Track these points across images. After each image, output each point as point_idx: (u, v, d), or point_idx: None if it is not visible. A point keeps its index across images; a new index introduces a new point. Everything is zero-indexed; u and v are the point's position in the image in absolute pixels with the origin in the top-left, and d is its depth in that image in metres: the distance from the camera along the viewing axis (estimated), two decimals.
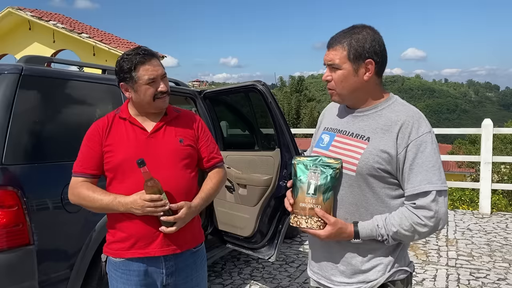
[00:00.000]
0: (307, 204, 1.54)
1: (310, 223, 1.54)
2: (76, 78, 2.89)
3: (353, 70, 1.54)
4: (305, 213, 1.55)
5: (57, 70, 2.88)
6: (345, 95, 1.59)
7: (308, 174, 1.55)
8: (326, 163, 1.54)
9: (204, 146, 2.10)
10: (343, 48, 1.53)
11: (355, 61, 1.53)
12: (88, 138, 1.98)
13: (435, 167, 1.47)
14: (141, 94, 1.92)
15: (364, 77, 1.54)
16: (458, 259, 4.77)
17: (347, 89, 1.57)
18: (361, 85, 1.56)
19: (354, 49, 1.52)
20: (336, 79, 1.57)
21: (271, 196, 3.59)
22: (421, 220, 1.47)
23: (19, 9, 13.85)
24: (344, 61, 1.53)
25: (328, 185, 1.52)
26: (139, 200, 1.82)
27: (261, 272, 4.46)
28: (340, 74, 1.55)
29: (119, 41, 14.36)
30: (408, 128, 1.49)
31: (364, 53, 1.52)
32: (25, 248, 2.32)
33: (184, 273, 2.03)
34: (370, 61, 1.53)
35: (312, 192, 1.53)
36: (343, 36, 1.55)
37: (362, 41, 1.52)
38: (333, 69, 1.57)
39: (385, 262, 1.56)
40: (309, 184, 1.54)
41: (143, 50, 1.92)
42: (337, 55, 1.54)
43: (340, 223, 1.52)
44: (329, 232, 1.52)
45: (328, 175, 1.52)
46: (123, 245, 1.93)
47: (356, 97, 1.59)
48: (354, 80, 1.55)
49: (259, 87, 3.43)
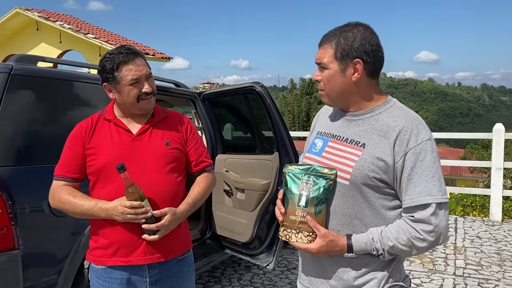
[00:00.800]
0: (298, 217, 1.44)
1: (300, 237, 1.44)
2: (67, 78, 2.81)
3: (340, 70, 1.43)
4: (295, 226, 1.45)
5: (47, 70, 2.81)
6: (334, 97, 1.49)
7: (299, 185, 1.45)
8: (319, 173, 1.44)
9: (193, 149, 2.01)
10: (331, 47, 1.44)
11: (342, 60, 1.42)
12: (70, 140, 1.91)
13: (435, 178, 1.36)
14: (124, 95, 1.84)
15: (352, 78, 1.43)
16: (466, 268, 4.61)
17: (334, 90, 1.47)
18: (349, 86, 1.45)
19: (341, 48, 1.42)
20: (324, 79, 1.47)
21: (269, 202, 3.49)
22: (420, 235, 1.36)
23: (26, 10, 13.96)
24: (331, 60, 1.44)
25: (320, 197, 1.42)
26: (119, 207, 1.74)
27: (261, 278, 4.35)
28: (327, 73, 1.46)
29: (125, 42, 14.38)
30: (407, 135, 1.37)
31: (351, 52, 1.41)
32: (10, 253, 2.25)
33: (169, 282, 1.94)
34: (358, 61, 1.42)
35: (304, 204, 1.43)
36: (333, 34, 1.46)
37: (351, 39, 1.41)
38: (322, 68, 1.47)
39: (378, 277, 1.45)
40: (300, 195, 1.44)
41: (126, 49, 1.84)
42: (324, 53, 1.45)
43: (331, 235, 1.42)
44: (319, 245, 1.41)
45: (321, 187, 1.42)
46: (105, 252, 1.86)
47: (346, 98, 1.49)
48: (341, 80, 1.44)
49: (258, 88, 3.34)
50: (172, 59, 14.94)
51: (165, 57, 14.46)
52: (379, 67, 1.47)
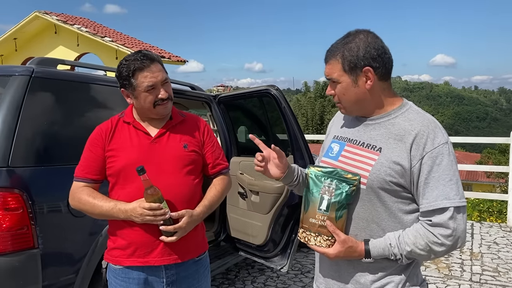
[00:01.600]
0: (318, 221, 1.44)
1: (319, 241, 1.45)
2: (86, 81, 2.87)
3: (351, 81, 1.45)
4: (314, 229, 1.45)
5: (67, 72, 2.87)
6: (351, 107, 1.51)
7: (321, 188, 1.45)
8: (342, 177, 1.43)
9: (210, 152, 2.04)
10: (337, 61, 1.45)
11: (352, 72, 1.44)
12: (90, 142, 1.94)
13: (452, 181, 1.35)
14: (141, 101, 1.87)
15: (366, 86, 1.44)
16: (483, 274, 4.54)
17: (350, 101, 1.49)
18: (364, 95, 1.46)
19: (347, 61, 1.43)
20: (338, 93, 1.49)
21: (284, 204, 3.49)
22: (438, 239, 1.35)
23: (45, 13, 14.23)
24: (341, 74, 1.45)
25: (342, 202, 1.42)
26: (138, 208, 1.77)
27: (275, 281, 4.35)
28: (340, 87, 1.48)
29: (141, 45, 14.56)
30: (423, 138, 1.37)
31: (359, 62, 1.42)
32: (29, 252, 2.29)
33: (185, 282, 1.96)
34: (368, 69, 1.42)
35: (324, 208, 1.43)
36: (336, 47, 1.47)
37: (355, 49, 1.42)
38: (333, 83, 1.49)
39: (396, 281, 1.44)
40: (321, 199, 1.44)
41: (142, 56, 1.85)
42: (332, 69, 1.47)
43: (350, 242, 1.42)
44: (338, 251, 1.42)
45: (343, 192, 1.42)
46: (123, 252, 1.89)
47: (364, 107, 1.50)
48: (355, 91, 1.46)
49: (273, 91, 3.35)
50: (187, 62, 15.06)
51: (181, 60, 14.58)
52: (389, 68, 1.47)
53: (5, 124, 2.32)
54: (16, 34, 14.87)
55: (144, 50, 1.95)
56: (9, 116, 2.35)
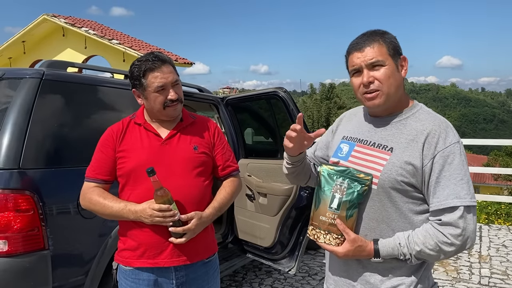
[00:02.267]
0: (328, 219, 1.44)
1: (329, 239, 1.45)
2: (96, 83, 2.89)
3: (395, 65, 1.46)
4: (324, 227, 1.46)
5: (77, 75, 2.89)
6: (392, 94, 1.45)
7: (333, 186, 1.45)
8: (354, 177, 1.43)
9: (220, 154, 2.04)
10: (380, 45, 1.45)
11: (395, 57, 1.46)
12: (101, 143, 1.96)
13: (463, 180, 1.36)
14: (151, 101, 1.89)
15: (403, 73, 1.48)
16: (492, 277, 4.51)
17: (394, 86, 1.45)
18: (402, 83, 1.49)
19: (391, 45, 1.46)
20: (383, 77, 1.43)
21: (292, 206, 3.49)
22: (447, 239, 1.35)
23: (53, 16, 14.35)
24: (387, 57, 1.45)
25: (353, 201, 1.42)
26: (148, 209, 1.78)
27: (282, 283, 4.35)
28: (386, 70, 1.44)
29: (148, 47, 14.62)
30: (435, 138, 1.38)
31: (398, 49, 1.47)
32: (40, 253, 2.31)
33: (195, 284, 1.97)
34: (404, 57, 1.48)
35: (335, 207, 1.43)
36: (372, 36, 1.47)
37: (393, 38, 1.47)
38: (376, 67, 1.44)
39: (407, 283, 1.44)
40: (333, 197, 1.44)
41: (153, 57, 1.87)
42: (376, 52, 1.44)
43: (360, 241, 1.42)
44: (347, 250, 1.42)
45: (355, 191, 1.42)
46: (133, 253, 1.90)
47: (399, 96, 1.49)
48: (399, 76, 1.47)
49: (281, 94, 3.35)
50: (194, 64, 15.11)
51: (187, 62, 14.64)
52: None
53: (16, 126, 2.34)
54: (24, 37, 14.98)
55: (156, 51, 1.97)
56: (20, 119, 2.37)
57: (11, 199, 2.24)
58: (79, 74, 3.10)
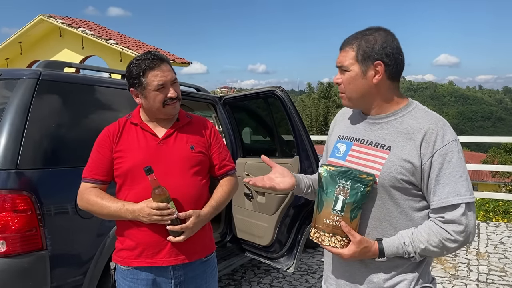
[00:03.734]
0: (332, 221, 1.43)
1: (334, 241, 1.43)
2: (93, 83, 2.88)
3: (361, 72, 1.45)
4: (328, 230, 1.44)
5: (74, 75, 2.89)
6: (355, 99, 1.50)
7: (336, 188, 1.42)
8: (357, 177, 1.42)
9: (216, 153, 2.05)
10: (352, 49, 1.46)
11: (363, 63, 1.44)
12: (98, 144, 1.96)
13: (462, 178, 1.37)
14: (150, 100, 1.89)
15: (373, 80, 1.45)
16: (490, 274, 4.53)
17: (356, 92, 1.48)
18: (370, 88, 1.46)
19: (362, 50, 1.44)
20: (345, 82, 1.49)
21: (290, 205, 3.50)
22: (451, 236, 1.37)
23: (50, 17, 14.32)
24: (353, 62, 1.45)
25: (357, 202, 1.41)
26: (146, 208, 1.78)
27: (281, 282, 4.35)
28: (348, 76, 1.47)
29: (146, 47, 14.60)
30: (433, 136, 1.38)
31: (372, 55, 1.43)
32: (38, 253, 2.31)
33: (193, 283, 1.97)
34: (379, 63, 1.43)
35: (339, 209, 1.41)
36: (354, 37, 1.48)
37: (372, 42, 1.44)
38: (343, 71, 1.49)
39: (409, 279, 1.45)
40: (336, 199, 1.42)
41: (152, 55, 1.88)
42: (346, 56, 1.47)
43: (365, 242, 1.42)
44: (353, 251, 1.41)
45: (358, 192, 1.40)
46: (131, 253, 1.90)
47: (367, 101, 1.50)
48: (362, 82, 1.46)
49: (278, 92, 3.36)
50: (191, 63, 15.10)
51: (185, 62, 14.63)
52: (400, 70, 1.48)
53: (13, 127, 2.34)
54: (21, 37, 14.95)
55: (153, 50, 1.97)
56: (17, 119, 2.37)
57: (8, 199, 2.24)
58: (76, 74, 3.09)
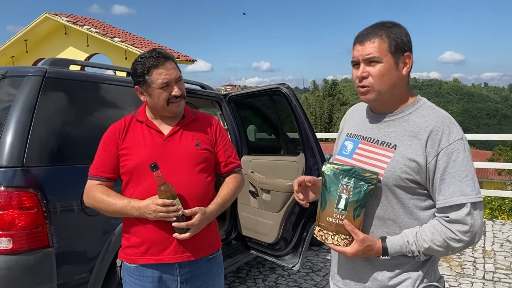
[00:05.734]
0: (335, 220, 1.43)
1: (337, 240, 1.44)
2: (99, 81, 2.89)
3: (394, 63, 1.42)
4: (332, 228, 1.44)
5: (80, 73, 2.89)
6: (384, 92, 1.44)
7: (339, 186, 1.42)
8: (360, 176, 1.41)
9: (222, 150, 2.04)
10: (382, 40, 1.42)
11: (396, 54, 1.42)
12: (104, 141, 1.96)
13: (468, 177, 1.35)
14: (155, 98, 1.89)
15: (403, 72, 1.44)
16: (496, 272, 4.50)
17: (387, 85, 1.43)
18: (399, 81, 1.45)
19: (394, 41, 1.42)
20: (376, 74, 1.42)
21: (295, 203, 3.48)
22: (456, 235, 1.35)
23: (55, 15, 14.35)
24: (385, 53, 1.41)
25: (361, 201, 1.41)
26: (151, 205, 1.78)
27: (286, 279, 4.35)
28: (381, 68, 1.42)
29: (150, 45, 14.62)
30: (438, 135, 1.37)
31: (403, 46, 1.42)
32: (45, 250, 2.31)
33: (199, 280, 1.97)
34: (408, 54, 1.43)
35: (342, 207, 1.41)
36: (377, 29, 1.44)
37: (399, 33, 1.43)
38: (372, 63, 1.43)
39: (413, 277, 1.44)
40: (339, 197, 1.42)
41: (157, 53, 1.87)
42: (375, 47, 1.42)
43: (368, 240, 1.41)
44: (356, 250, 1.41)
45: (362, 190, 1.40)
46: (137, 250, 1.90)
47: (393, 94, 1.46)
48: (396, 74, 1.43)
49: (284, 90, 3.35)
50: (196, 61, 15.10)
51: (189, 60, 14.63)
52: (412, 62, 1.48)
53: (19, 124, 2.35)
54: (26, 35, 15.00)
55: (158, 48, 1.97)
56: (23, 117, 2.37)
57: (15, 196, 2.24)
58: (82, 71, 3.10)
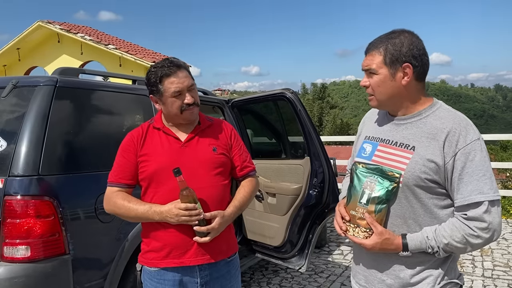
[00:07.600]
0: (358, 213, 1.51)
1: (358, 232, 1.52)
2: (108, 89, 2.93)
3: (389, 74, 1.50)
4: (354, 221, 1.53)
5: (90, 82, 2.93)
6: (383, 101, 1.56)
7: (364, 183, 1.52)
8: (384, 174, 1.50)
9: (237, 155, 2.09)
10: (379, 53, 1.51)
11: (392, 66, 1.50)
12: (123, 149, 1.99)
13: (485, 176, 1.41)
14: (168, 106, 1.93)
15: (402, 82, 1.50)
16: (495, 269, 4.60)
17: (384, 94, 1.54)
18: (399, 90, 1.52)
19: (390, 54, 1.49)
20: (373, 84, 1.54)
21: (301, 205, 3.54)
22: (474, 232, 1.41)
23: (48, 23, 14.28)
24: (381, 66, 1.51)
25: (382, 197, 1.48)
26: (174, 209, 1.82)
27: (290, 282, 4.40)
28: (376, 79, 1.53)
29: (144, 52, 14.62)
30: (455, 136, 1.43)
31: (401, 57, 1.48)
32: (61, 258, 2.35)
33: (218, 283, 2.01)
34: (407, 65, 1.49)
35: (364, 202, 1.50)
36: (380, 41, 1.53)
37: (399, 45, 1.49)
38: (370, 74, 1.54)
39: (435, 275, 1.50)
40: (363, 193, 1.51)
41: (169, 62, 1.92)
42: (373, 60, 1.52)
43: (387, 234, 1.48)
44: (374, 242, 1.48)
45: (384, 187, 1.48)
46: (158, 254, 1.93)
47: (395, 102, 1.56)
48: (391, 85, 1.51)
49: (288, 95, 3.41)
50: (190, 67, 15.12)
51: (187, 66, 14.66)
52: (426, 70, 1.54)
53: (33, 134, 2.38)
54: (19, 44, 14.91)
55: (172, 57, 2.01)
56: (37, 126, 2.40)
57: (31, 205, 2.27)
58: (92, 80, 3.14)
